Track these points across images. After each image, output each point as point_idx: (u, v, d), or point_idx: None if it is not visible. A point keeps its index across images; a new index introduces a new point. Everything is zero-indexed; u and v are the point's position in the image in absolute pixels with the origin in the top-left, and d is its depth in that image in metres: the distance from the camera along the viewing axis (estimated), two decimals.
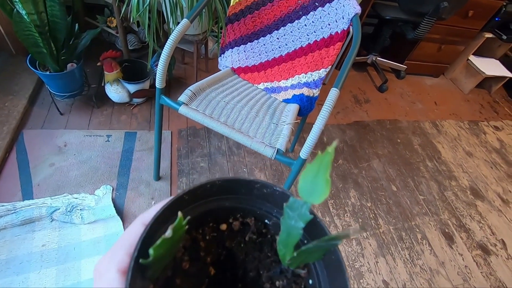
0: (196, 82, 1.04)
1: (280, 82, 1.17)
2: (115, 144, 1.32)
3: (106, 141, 1.32)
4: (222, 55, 1.25)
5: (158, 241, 0.14)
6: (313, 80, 1.10)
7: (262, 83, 1.18)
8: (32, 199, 1.07)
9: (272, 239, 0.23)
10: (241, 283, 0.22)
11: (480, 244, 1.37)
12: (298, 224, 0.18)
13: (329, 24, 1.02)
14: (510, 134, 2.09)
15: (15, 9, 0.99)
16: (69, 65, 1.28)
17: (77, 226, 1.04)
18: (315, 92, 1.11)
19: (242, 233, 0.23)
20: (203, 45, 1.72)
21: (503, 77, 2.28)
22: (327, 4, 1.02)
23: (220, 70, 1.22)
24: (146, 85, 1.47)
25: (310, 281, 0.21)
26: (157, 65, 1.54)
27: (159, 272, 0.18)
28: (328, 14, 1.02)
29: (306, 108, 1.10)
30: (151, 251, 0.14)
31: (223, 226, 0.23)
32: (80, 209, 1.06)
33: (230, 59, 1.23)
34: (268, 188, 0.21)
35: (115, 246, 0.18)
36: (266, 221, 0.23)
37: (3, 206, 1.02)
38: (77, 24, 1.26)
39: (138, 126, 1.44)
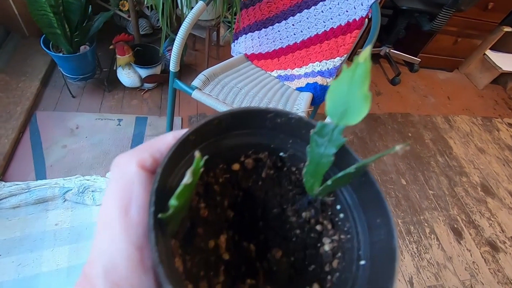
0: (208, 68, 1.03)
1: (293, 70, 1.16)
2: (126, 129, 1.33)
3: (117, 125, 1.33)
4: (236, 41, 1.24)
5: (179, 189, 0.13)
6: (328, 69, 1.08)
7: (275, 70, 1.17)
8: (45, 179, 1.09)
9: (289, 171, 0.22)
10: (263, 221, 0.21)
11: (489, 241, 1.36)
12: (328, 151, 0.17)
13: (347, 11, 1.00)
14: None
15: None
16: (82, 47, 1.28)
17: (89, 207, 1.05)
18: (329, 81, 1.09)
19: (257, 171, 0.22)
20: (215, 32, 1.70)
21: None
22: None
23: (233, 56, 1.21)
24: (157, 70, 1.46)
25: (338, 207, 0.20)
26: (169, 50, 1.54)
27: (178, 224, 0.16)
28: (347, 0, 1.00)
29: (320, 97, 1.09)
30: (173, 201, 0.13)
31: (236, 166, 0.21)
32: (92, 191, 1.08)
33: (243, 45, 1.21)
34: (283, 117, 0.19)
35: (139, 147, 0.17)
36: (281, 154, 0.22)
37: (17, 184, 1.03)
38: (90, 6, 1.25)
39: (149, 111, 1.44)
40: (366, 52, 0.14)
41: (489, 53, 2.23)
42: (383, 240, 0.16)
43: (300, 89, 1.11)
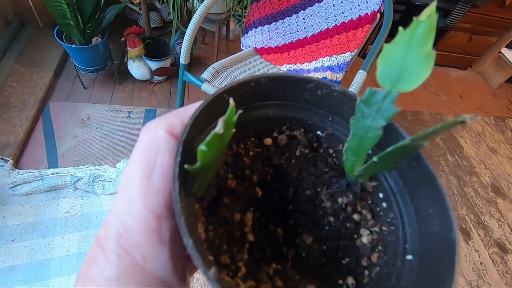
0: (217, 61, 1.03)
1: (303, 64, 1.15)
2: (135, 120, 1.34)
3: (127, 117, 1.34)
4: (245, 34, 1.24)
5: (209, 137, 0.12)
6: (337, 63, 1.08)
7: (284, 64, 1.16)
8: (57, 168, 1.11)
9: (326, 153, 0.19)
10: (292, 205, 0.19)
11: (498, 242, 1.34)
12: (377, 123, 0.15)
13: (358, 5, 0.98)
14: None
15: None
16: (94, 39, 1.30)
17: (98, 196, 1.07)
18: (339, 76, 1.09)
19: (290, 148, 0.20)
20: (225, 26, 1.69)
21: None
22: None
23: (242, 50, 1.21)
24: (167, 63, 1.47)
25: (381, 195, 0.18)
26: (179, 43, 1.54)
27: (204, 188, 0.15)
28: None
29: None
30: (202, 147, 0.12)
31: (268, 141, 0.19)
32: (102, 180, 1.10)
33: (253, 39, 1.21)
34: (324, 89, 0.17)
35: (169, 113, 0.16)
36: (318, 132, 0.20)
37: (30, 172, 1.06)
38: None
39: (158, 104, 1.45)
40: (430, 8, 0.12)
41: (505, 51, 2.17)
42: (437, 232, 0.14)
43: None
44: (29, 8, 1.44)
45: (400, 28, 0.13)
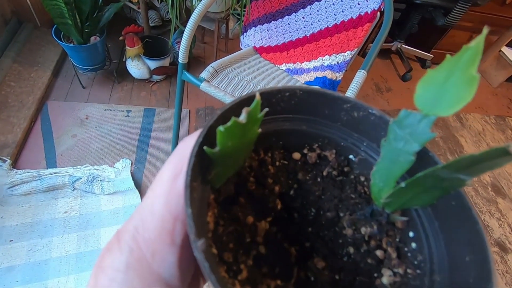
0: (216, 60, 1.02)
1: (302, 63, 1.15)
2: (134, 120, 1.34)
3: (126, 116, 1.34)
4: (245, 33, 1.23)
5: (229, 122, 0.12)
6: (337, 63, 1.07)
7: (284, 63, 1.16)
8: (56, 167, 1.11)
9: (357, 180, 0.18)
10: (312, 227, 0.18)
11: (498, 242, 1.33)
12: (409, 147, 0.14)
13: (358, 4, 0.98)
14: None
15: None
16: (92, 38, 1.29)
17: (97, 196, 1.07)
18: (338, 75, 1.08)
19: (318, 167, 0.19)
20: (224, 24, 1.69)
21: None
22: None
23: (241, 49, 1.20)
24: (166, 62, 1.47)
25: (411, 234, 0.16)
26: (178, 42, 1.53)
27: (222, 182, 0.15)
28: None
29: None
30: (221, 127, 0.12)
31: (296, 155, 0.19)
32: (101, 180, 1.09)
33: (252, 38, 1.20)
34: (361, 111, 0.16)
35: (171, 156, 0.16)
36: (350, 156, 0.19)
37: (28, 172, 1.06)
38: None
39: (157, 103, 1.45)
40: (481, 36, 0.11)
41: (505, 50, 2.16)
42: (471, 284, 0.13)
43: (308, 83, 1.10)
44: (27, 7, 1.43)
45: (448, 56, 0.13)
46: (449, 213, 0.14)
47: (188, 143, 0.15)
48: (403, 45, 2.05)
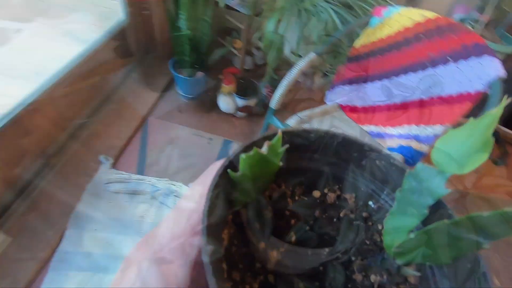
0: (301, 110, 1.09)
1: (386, 128, 1.14)
2: (214, 147, 1.47)
3: (207, 143, 1.48)
4: (332, 89, 1.29)
5: (251, 152, 0.13)
6: (426, 135, 1.04)
7: (367, 125, 1.17)
8: (143, 175, 1.27)
9: (374, 228, 0.18)
10: (322, 265, 0.18)
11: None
12: (424, 200, 0.14)
13: (460, 82, 0.96)
14: None
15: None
16: (198, 73, 1.51)
17: (170, 209, 1.17)
18: (424, 147, 1.04)
19: (336, 209, 0.19)
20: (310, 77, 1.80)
21: None
22: (462, 60, 0.97)
23: (325, 103, 1.26)
24: (252, 102, 1.61)
25: None
26: (266, 87, 1.68)
27: (241, 204, 0.16)
28: (461, 71, 0.96)
29: (412, 161, 1.03)
30: (243, 155, 0.13)
31: (316, 193, 0.19)
32: (175, 195, 1.20)
33: (339, 95, 1.26)
34: (383, 160, 0.17)
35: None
36: (370, 203, 0.19)
37: (122, 174, 1.23)
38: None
39: (236, 136, 1.57)
40: (501, 104, 0.13)
41: None
42: None
43: (391, 149, 1.08)
44: (156, 41, 1.77)
45: (471, 118, 0.14)
46: (465, 277, 0.14)
47: (217, 163, 0.17)
48: (501, 127, 1.87)
